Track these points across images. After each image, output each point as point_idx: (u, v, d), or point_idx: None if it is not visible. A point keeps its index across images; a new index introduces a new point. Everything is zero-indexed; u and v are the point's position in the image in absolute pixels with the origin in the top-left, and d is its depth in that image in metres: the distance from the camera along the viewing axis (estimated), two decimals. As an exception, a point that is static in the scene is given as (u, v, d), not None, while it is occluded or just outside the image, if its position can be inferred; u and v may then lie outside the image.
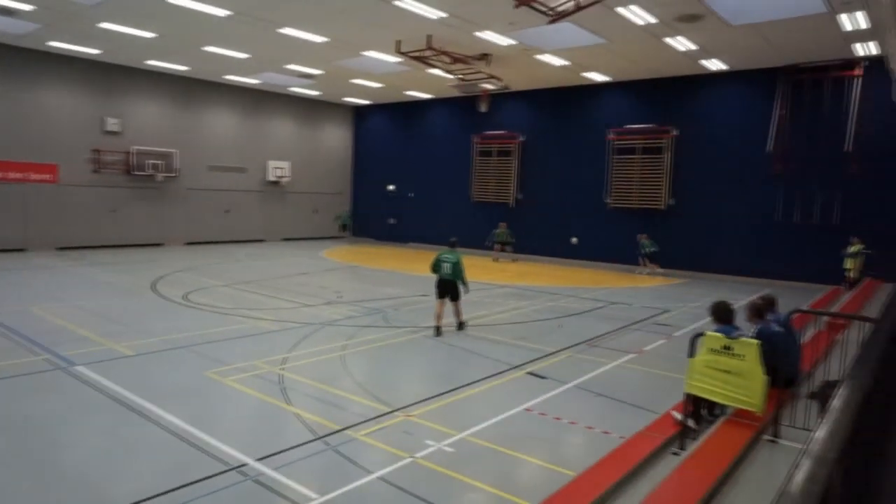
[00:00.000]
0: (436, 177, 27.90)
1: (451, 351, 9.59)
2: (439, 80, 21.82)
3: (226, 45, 18.83)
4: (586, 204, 22.94)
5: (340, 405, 6.91)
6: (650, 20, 14.27)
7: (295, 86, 25.81)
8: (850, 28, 14.13)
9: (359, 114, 31.58)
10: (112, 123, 22.48)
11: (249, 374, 7.96)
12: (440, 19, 14.89)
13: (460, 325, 11.09)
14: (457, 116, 27.00)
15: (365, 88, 25.54)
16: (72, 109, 21.65)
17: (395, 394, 7.43)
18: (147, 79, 23.40)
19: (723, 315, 5.99)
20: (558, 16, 12.85)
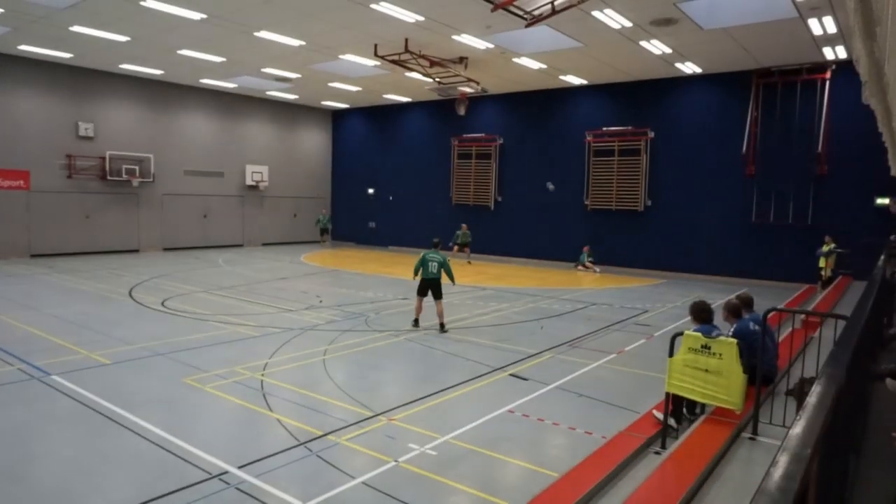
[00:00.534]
0: (416, 180, 27.89)
1: (433, 354, 9.59)
2: (417, 83, 21.83)
3: (201, 49, 18.64)
4: (566, 206, 23.11)
5: (322, 410, 6.87)
6: (625, 24, 14.44)
7: (272, 89, 25.64)
8: (819, 32, 14.44)
9: (337, 117, 31.45)
10: (85, 128, 22.11)
11: (229, 380, 7.88)
12: (417, 23, 14.91)
13: (442, 327, 11.15)
14: (435, 119, 27.03)
15: (343, 92, 25.45)
16: (44, 114, 21.25)
17: (377, 398, 7.41)
18: (121, 83, 23.07)
19: (702, 314, 6.08)
20: (535, 19, 12.94)
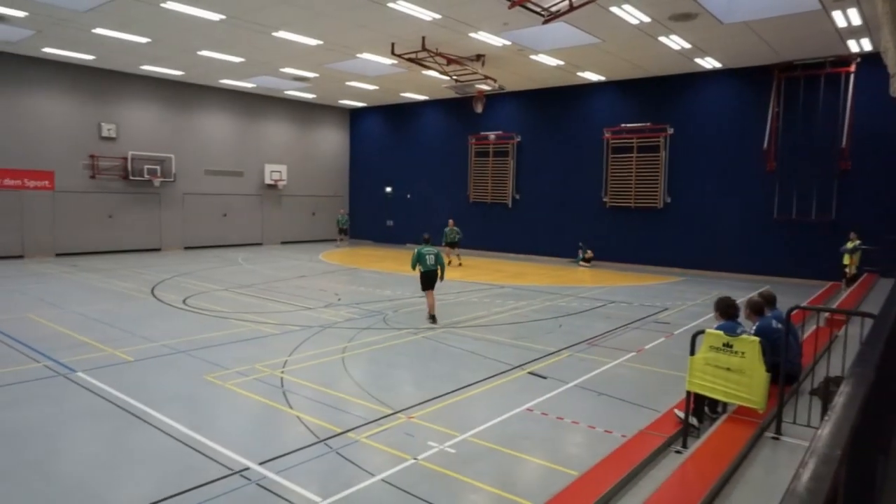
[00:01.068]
0: (433, 178, 27.90)
1: (451, 352, 9.59)
2: (434, 81, 21.82)
3: (220, 50, 18.81)
4: (584, 203, 22.97)
5: (342, 408, 6.90)
6: (644, 19, 14.30)
7: (290, 89, 25.80)
8: (843, 24, 14.18)
9: (354, 116, 31.57)
10: (108, 129, 22.45)
11: (250, 377, 7.95)
12: (434, 21, 14.90)
13: (433, 318, 11.56)
14: (453, 117, 27.01)
15: (360, 91, 25.53)
16: (67, 116, 21.61)
17: (396, 396, 7.43)
18: (142, 84, 23.38)
19: (728, 311, 5.98)
20: (552, 16, 12.86)
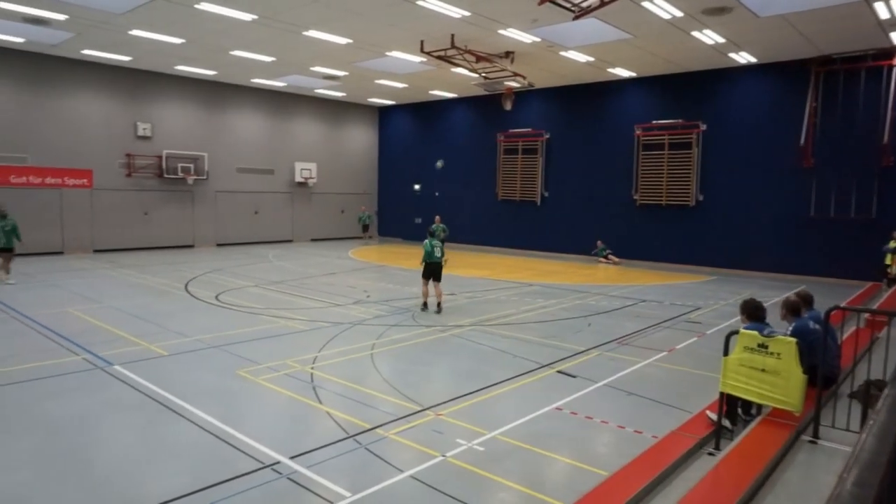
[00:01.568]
0: (461, 176, 27.89)
1: (480, 349, 9.58)
2: (463, 78, 21.81)
3: (252, 49, 19.07)
4: (614, 201, 22.73)
5: (371, 404, 6.95)
6: (676, 14, 14.06)
7: (320, 87, 26.04)
8: (885, 16, 13.75)
9: (384, 114, 31.73)
10: (143, 128, 22.95)
11: (281, 373, 8.06)
12: (463, 18, 14.88)
13: (439, 307, 12.31)
14: (481, 115, 26.96)
15: (389, 89, 25.64)
16: (105, 115, 22.15)
17: (424, 392, 7.45)
18: (176, 84, 23.84)
19: (756, 312, 5.87)
20: (582, 12, 12.74)
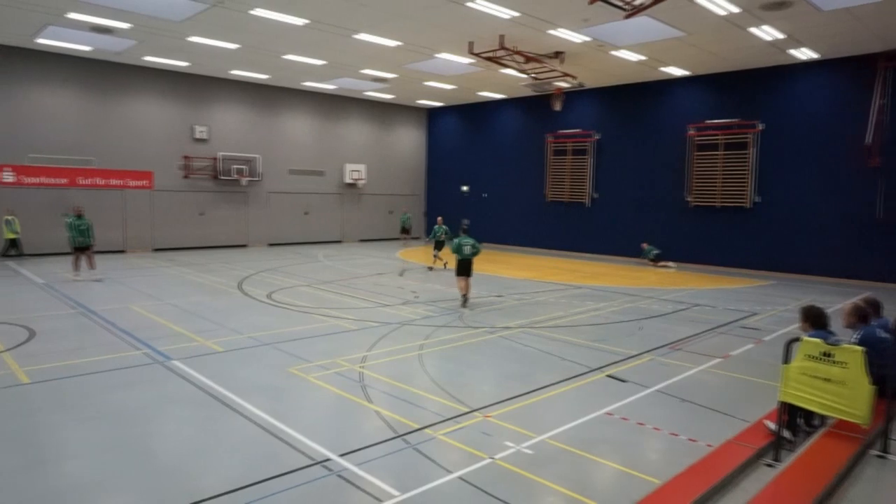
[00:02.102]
0: (509, 177, 27.79)
1: (528, 352, 9.51)
2: (512, 79, 21.72)
3: (303, 53, 19.48)
4: (666, 202, 22.23)
5: (419, 404, 6.98)
6: (732, 10, 13.66)
7: (369, 90, 26.37)
8: (961, 8, 13.03)
9: (432, 116, 31.90)
10: (200, 131, 23.73)
11: (331, 371, 8.19)
12: (512, 19, 14.82)
13: (465, 301, 12.93)
14: (530, 116, 26.80)
15: (437, 90, 25.76)
16: (164, 119, 23.01)
17: (472, 394, 7.44)
18: (231, 87, 24.56)
19: (817, 319, 5.64)
20: (634, 10, 12.51)
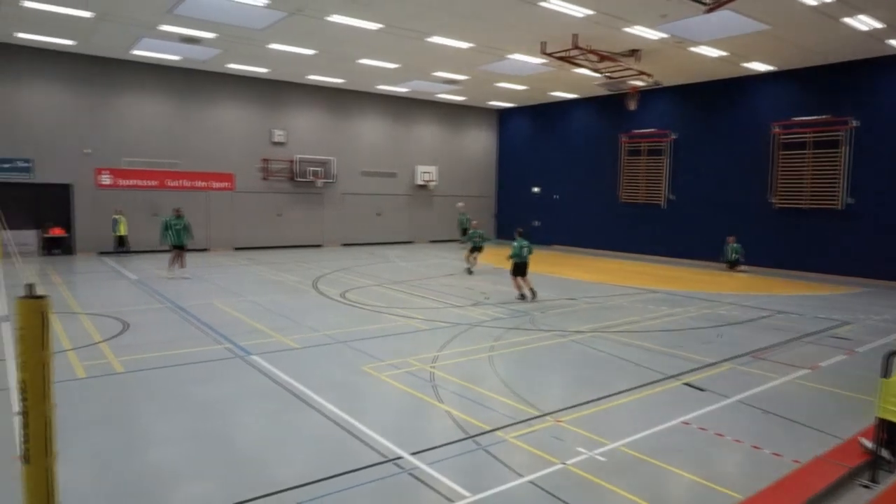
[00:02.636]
0: (581, 178, 27.32)
1: (600, 357, 9.32)
2: (585, 79, 21.37)
3: (377, 57, 19.85)
4: (747, 204, 21.24)
5: (489, 406, 6.97)
6: None
7: (440, 92, 26.57)
8: None
9: (503, 116, 31.80)
10: (278, 134, 24.63)
11: (402, 370, 8.30)
12: (587, 17, 14.57)
13: (534, 294, 13.84)
14: (603, 115, 26.26)
15: (509, 91, 25.66)
16: (245, 123, 24.03)
17: (543, 397, 7.36)
18: (307, 92, 25.35)
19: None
20: (716, 4, 12.05)
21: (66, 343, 9.30)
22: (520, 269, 13.89)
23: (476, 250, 18.76)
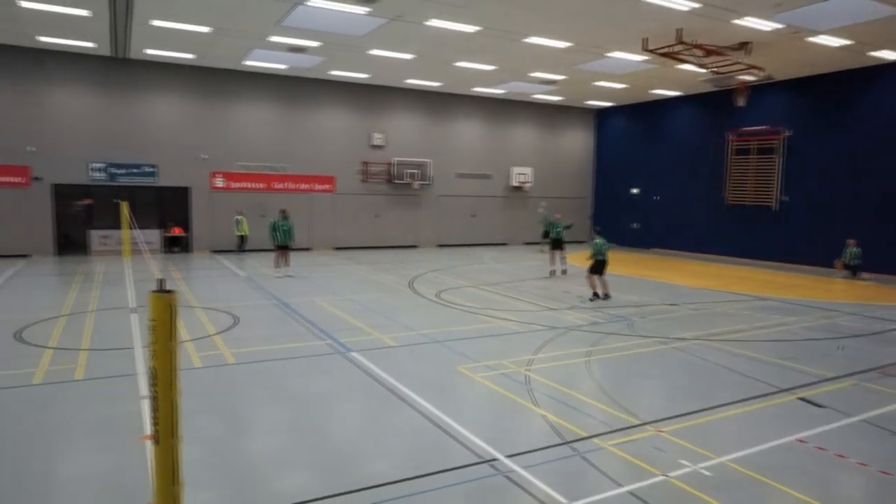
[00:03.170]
0: (683, 178, 26.16)
1: (704, 366, 8.88)
2: (689, 75, 20.46)
3: (474, 59, 19.97)
4: (872, 205, 19.50)
5: (586, 412, 6.82)
6: (972, -21, 11.62)
7: (537, 92, 26.32)
8: None
9: (601, 116, 31.04)
10: (377, 138, 25.35)
11: (497, 372, 8.29)
12: (692, 10, 13.95)
13: (607, 296, 14.02)
14: (708, 113, 25.01)
15: (608, 90, 25.02)
16: (345, 127, 24.93)
17: (642, 406, 7.11)
18: (405, 96, 25.92)
19: None
20: (841, -11, 11.14)
21: (185, 335, 10.03)
22: (598, 268, 14.09)
23: (557, 248, 18.37)
